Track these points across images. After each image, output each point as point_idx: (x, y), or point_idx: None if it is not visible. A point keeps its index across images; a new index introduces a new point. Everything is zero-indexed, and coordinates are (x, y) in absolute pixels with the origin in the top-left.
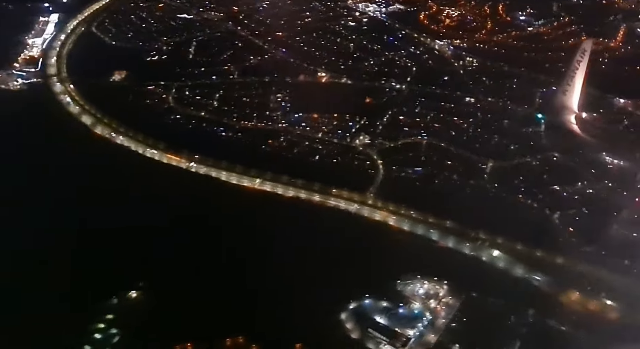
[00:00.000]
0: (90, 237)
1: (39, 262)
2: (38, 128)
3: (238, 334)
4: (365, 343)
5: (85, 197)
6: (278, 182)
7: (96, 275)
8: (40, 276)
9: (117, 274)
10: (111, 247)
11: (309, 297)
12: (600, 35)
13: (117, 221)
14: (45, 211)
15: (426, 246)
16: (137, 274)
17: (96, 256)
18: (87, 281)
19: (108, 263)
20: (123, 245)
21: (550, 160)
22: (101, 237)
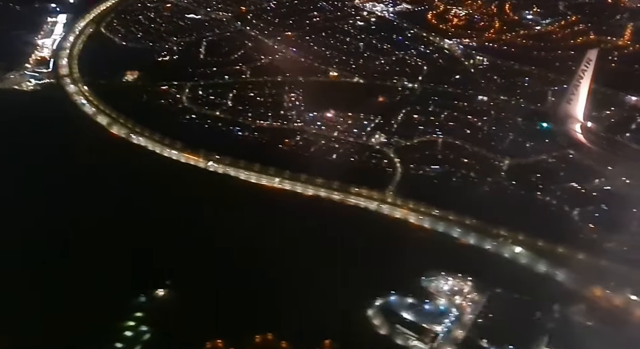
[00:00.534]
0: (115, 236)
1: (65, 262)
2: (54, 128)
3: (266, 331)
4: (393, 338)
5: (105, 196)
6: (297, 181)
7: (122, 274)
8: (67, 275)
9: (144, 273)
10: (136, 246)
11: (334, 294)
12: (607, 33)
13: (140, 220)
14: (67, 210)
15: (447, 243)
16: (162, 273)
17: (121, 255)
18: (114, 279)
19: (134, 262)
20: (147, 244)
21: (566, 157)
22: (126, 237)
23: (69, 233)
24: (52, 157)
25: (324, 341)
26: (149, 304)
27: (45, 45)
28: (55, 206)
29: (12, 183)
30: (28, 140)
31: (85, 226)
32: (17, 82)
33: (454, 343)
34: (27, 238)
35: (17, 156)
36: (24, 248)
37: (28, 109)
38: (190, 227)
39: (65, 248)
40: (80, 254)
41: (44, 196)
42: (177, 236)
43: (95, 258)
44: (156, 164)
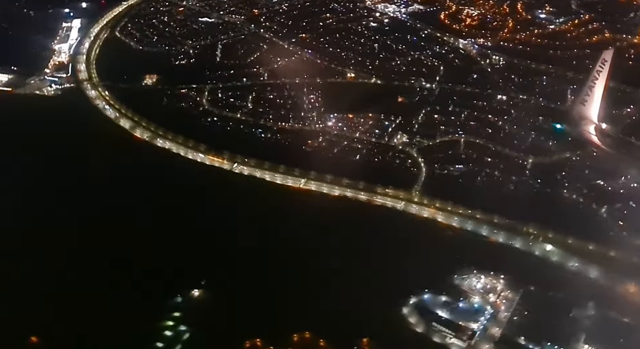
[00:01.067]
0: (146, 238)
1: (101, 264)
2: (78, 132)
3: (304, 330)
4: (430, 336)
5: (133, 198)
6: (322, 181)
7: (157, 275)
8: (105, 276)
9: (178, 274)
10: (168, 248)
11: (368, 293)
12: (622, 31)
13: (170, 222)
14: (97, 213)
15: (477, 241)
16: (197, 274)
17: (154, 257)
18: (151, 280)
19: (167, 263)
20: (179, 245)
21: (590, 155)
22: (158, 238)
23: (102, 236)
24: (77, 161)
25: (361, 340)
26: (186, 305)
27: (62, 50)
28: (86, 208)
29: (41, 187)
30: (53, 144)
31: (117, 228)
32: (38, 87)
33: (492, 340)
34: (62, 241)
35: (43, 160)
36: (61, 251)
37: (51, 114)
38: (220, 228)
39: (99, 251)
40: (113, 257)
41: (73, 200)
42: (207, 237)
43: (129, 260)
44: (181, 166)
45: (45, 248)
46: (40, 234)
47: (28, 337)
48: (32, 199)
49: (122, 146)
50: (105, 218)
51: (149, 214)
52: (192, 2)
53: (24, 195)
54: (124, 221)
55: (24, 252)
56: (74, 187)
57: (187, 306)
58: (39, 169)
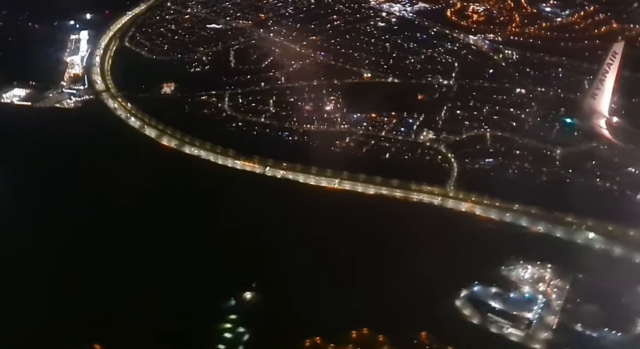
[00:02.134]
0: (192, 243)
1: (150, 271)
2: (105, 144)
3: (361, 327)
4: (487, 327)
5: (174, 206)
6: (356, 181)
7: (207, 279)
8: (154, 283)
9: (227, 278)
10: (216, 252)
11: (419, 287)
12: (628, 21)
13: (213, 226)
14: (141, 223)
15: (518, 232)
16: (246, 277)
17: (202, 262)
18: (201, 285)
19: (215, 268)
20: (226, 249)
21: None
22: (205, 244)
23: (146, 245)
24: (110, 171)
25: (420, 334)
26: (240, 307)
27: (74, 62)
28: (129, 218)
29: (79, 198)
30: (82, 156)
31: (161, 235)
32: (57, 100)
33: (549, 328)
34: (110, 249)
35: (72, 173)
36: (111, 259)
37: (75, 126)
38: (263, 231)
39: (145, 258)
40: (160, 264)
41: (117, 209)
42: (251, 239)
43: (175, 266)
44: (214, 172)
45: (96, 256)
46: (90, 241)
47: (91, 344)
48: (78, 209)
49: (152, 155)
50: (148, 226)
51: (190, 221)
52: (197, 10)
53: (68, 206)
54: (167, 228)
55: (78, 260)
56: (113, 197)
57: (242, 309)
58: (74, 181)
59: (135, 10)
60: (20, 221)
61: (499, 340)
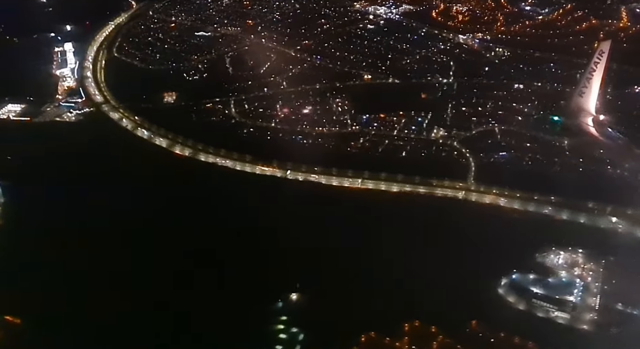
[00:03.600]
0: (232, 250)
1: (197, 277)
2: (117, 156)
3: (412, 320)
4: (534, 312)
5: (201, 215)
6: (378, 179)
7: (251, 282)
8: (201, 287)
9: (270, 281)
10: (255, 256)
11: (461, 278)
12: (605, 17)
13: (249, 231)
14: (177, 231)
15: (543, 220)
16: (288, 279)
17: (245, 266)
18: (246, 290)
19: (257, 271)
20: (266, 254)
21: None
22: (245, 248)
23: (187, 252)
24: (130, 183)
25: (470, 322)
26: (288, 308)
27: (64, 74)
28: (167, 230)
29: (104, 215)
30: (94, 170)
31: (197, 244)
32: (56, 114)
33: (592, 310)
34: (147, 260)
35: (91, 186)
36: (148, 270)
37: (81, 140)
38: (295, 232)
39: (188, 266)
40: (204, 271)
41: (149, 220)
42: (287, 242)
43: (221, 272)
44: (235, 178)
45: (136, 266)
46: (134, 251)
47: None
48: (107, 224)
49: (167, 164)
50: (178, 236)
51: (222, 228)
52: (181, 18)
53: (93, 220)
54: (201, 237)
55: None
56: (141, 210)
57: (290, 309)
58: (94, 195)
59: (117, 21)
60: (56, 231)
61: (547, 324)
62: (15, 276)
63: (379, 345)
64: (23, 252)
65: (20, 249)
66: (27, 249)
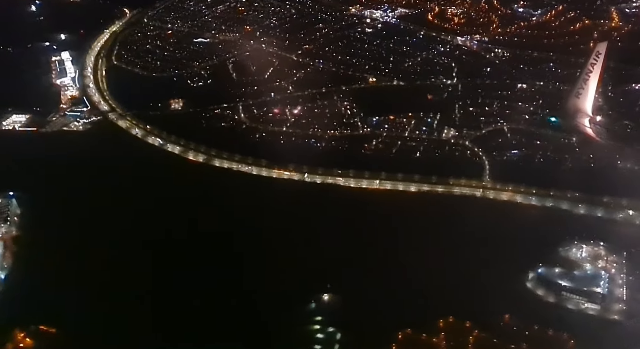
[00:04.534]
0: (260, 254)
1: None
2: (131, 164)
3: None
4: (564, 304)
5: (226, 220)
6: (396, 180)
7: (281, 285)
8: (237, 292)
9: (300, 283)
10: (285, 259)
11: (489, 274)
12: (597, 18)
13: (271, 236)
14: (202, 237)
15: (562, 216)
16: (317, 280)
17: (275, 270)
18: (279, 291)
19: (285, 274)
20: (292, 257)
21: (633, 126)
22: (274, 252)
23: (222, 257)
24: (148, 190)
25: (503, 316)
26: (321, 308)
27: (66, 84)
28: (190, 233)
29: (127, 224)
30: (110, 178)
31: (228, 249)
32: (63, 124)
33: (620, 300)
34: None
35: (109, 195)
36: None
37: (92, 149)
38: (319, 234)
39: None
40: (238, 276)
41: (180, 230)
42: (313, 243)
43: (252, 277)
44: (252, 183)
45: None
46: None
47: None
48: (133, 232)
49: (183, 171)
50: (208, 241)
51: (248, 232)
52: (177, 25)
53: (115, 228)
54: (230, 241)
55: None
56: (158, 215)
57: (324, 309)
58: (112, 203)
59: (111, 29)
60: (77, 241)
61: (578, 315)
62: (41, 286)
63: (417, 342)
64: (46, 262)
65: (42, 259)
66: (49, 259)
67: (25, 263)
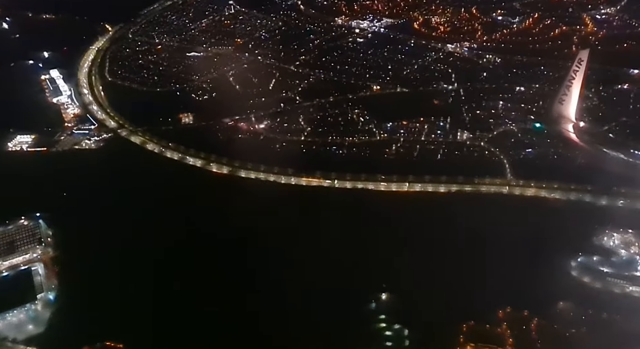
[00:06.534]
0: (312, 260)
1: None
2: (154, 178)
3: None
4: (610, 289)
5: (268, 229)
6: (424, 182)
7: (338, 288)
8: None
9: (356, 284)
10: (337, 264)
11: (532, 265)
12: (572, 24)
13: (317, 242)
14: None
15: (587, 207)
16: (371, 281)
17: (329, 274)
18: (335, 294)
19: (340, 277)
20: (341, 261)
21: (631, 123)
22: (326, 256)
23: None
24: (181, 204)
25: (558, 304)
26: (382, 307)
27: (62, 102)
28: (233, 243)
29: (170, 240)
30: (139, 195)
31: (283, 256)
32: (73, 143)
33: None
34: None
35: (148, 210)
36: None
37: (111, 165)
38: (361, 236)
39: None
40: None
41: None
42: (357, 246)
43: (310, 279)
44: (284, 191)
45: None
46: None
47: None
48: (178, 242)
49: (209, 183)
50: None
51: (293, 239)
52: (165, 39)
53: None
54: (282, 249)
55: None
56: (198, 226)
57: (384, 308)
58: (147, 219)
59: (96, 45)
60: (119, 257)
61: (626, 298)
62: (92, 302)
63: (482, 333)
64: (90, 278)
65: (85, 276)
66: (92, 275)
67: (70, 281)
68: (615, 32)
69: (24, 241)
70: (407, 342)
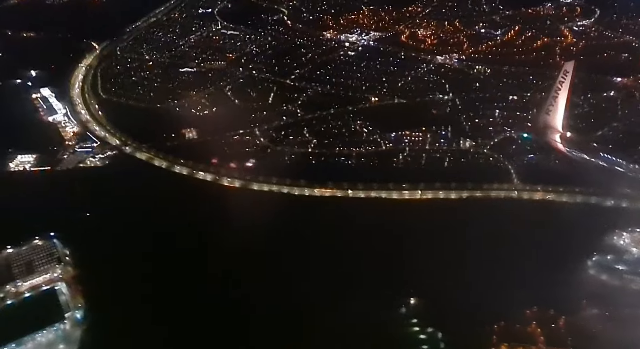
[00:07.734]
0: (336, 269)
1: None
2: (167, 194)
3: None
4: (629, 286)
5: (293, 242)
6: (435, 189)
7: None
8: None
9: (385, 289)
10: (361, 270)
11: (551, 266)
12: (552, 35)
13: (340, 251)
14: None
15: (594, 209)
16: (398, 286)
17: (358, 281)
18: (365, 301)
19: (369, 283)
20: (363, 268)
21: (622, 128)
22: (353, 263)
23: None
24: (197, 218)
25: (582, 302)
26: (411, 312)
27: (58, 120)
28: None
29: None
30: (153, 212)
31: (304, 265)
32: (78, 161)
33: None
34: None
35: (158, 231)
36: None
37: (119, 182)
38: (383, 244)
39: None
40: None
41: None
42: (381, 253)
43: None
44: (299, 202)
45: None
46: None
47: None
48: (197, 258)
49: (223, 197)
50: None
51: (315, 250)
52: (155, 56)
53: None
54: (305, 260)
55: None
56: (224, 242)
57: (415, 313)
58: (164, 238)
59: (85, 62)
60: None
61: None
62: (119, 319)
63: (514, 332)
64: (114, 295)
65: (109, 293)
66: (116, 292)
67: (95, 299)
68: (593, 42)
69: (42, 261)
70: (442, 345)
